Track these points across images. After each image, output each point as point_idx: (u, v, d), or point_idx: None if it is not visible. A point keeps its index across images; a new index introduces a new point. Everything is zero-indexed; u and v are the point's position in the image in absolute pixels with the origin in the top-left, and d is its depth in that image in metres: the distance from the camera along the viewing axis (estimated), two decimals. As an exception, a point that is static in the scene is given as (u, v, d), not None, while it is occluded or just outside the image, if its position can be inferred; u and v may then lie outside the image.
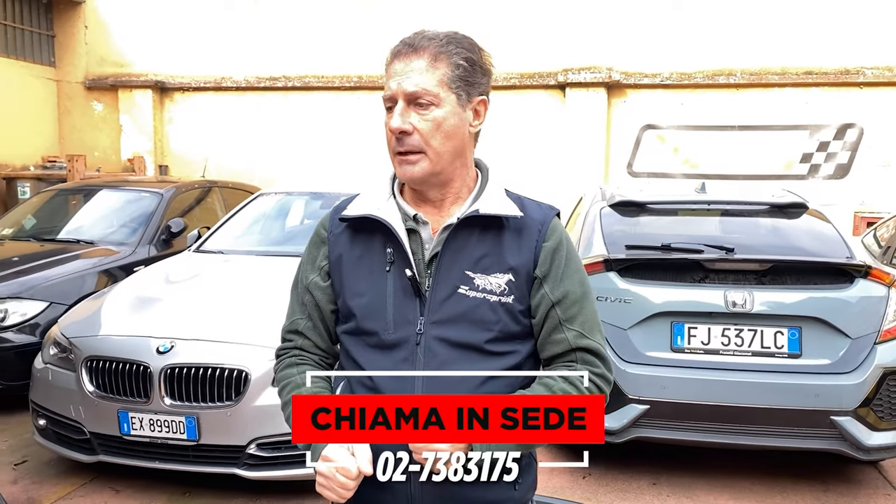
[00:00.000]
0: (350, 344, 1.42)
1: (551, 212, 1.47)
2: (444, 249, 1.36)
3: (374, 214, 1.38)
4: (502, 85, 8.89)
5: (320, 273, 1.45)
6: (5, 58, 8.99)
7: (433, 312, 1.35)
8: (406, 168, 1.35)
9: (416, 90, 1.30)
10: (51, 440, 3.77)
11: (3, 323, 4.71)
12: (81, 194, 6.68)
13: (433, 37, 1.34)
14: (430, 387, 1.32)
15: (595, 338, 1.40)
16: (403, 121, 1.31)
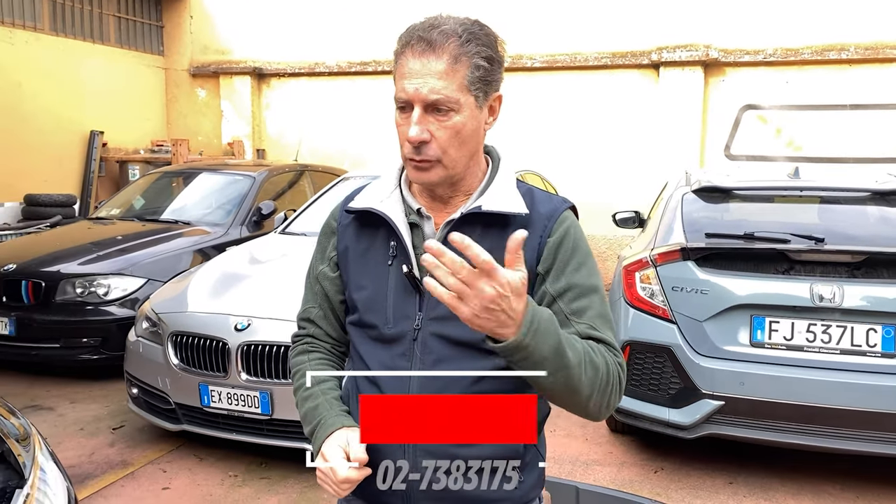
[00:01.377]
0: (354, 335, 1.42)
1: (562, 205, 1.38)
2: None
3: (375, 208, 1.35)
4: (593, 65, 8.67)
5: (329, 264, 1.44)
6: (119, 48, 9.61)
7: (431, 309, 1.32)
8: (419, 174, 1.30)
9: (436, 98, 1.23)
10: (142, 408, 4.05)
11: (105, 297, 5.08)
12: (182, 177, 7.07)
13: (451, 32, 1.24)
14: (424, 385, 1.30)
15: (607, 334, 1.30)
16: (422, 130, 1.24)
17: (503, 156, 1.43)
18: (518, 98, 8.98)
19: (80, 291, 5.07)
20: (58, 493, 1.54)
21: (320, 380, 1.41)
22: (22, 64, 8.16)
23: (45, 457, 1.61)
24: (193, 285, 4.14)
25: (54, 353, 5.07)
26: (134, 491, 3.61)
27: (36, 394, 4.97)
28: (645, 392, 3.67)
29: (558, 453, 4.10)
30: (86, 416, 4.59)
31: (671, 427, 3.57)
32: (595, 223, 8.45)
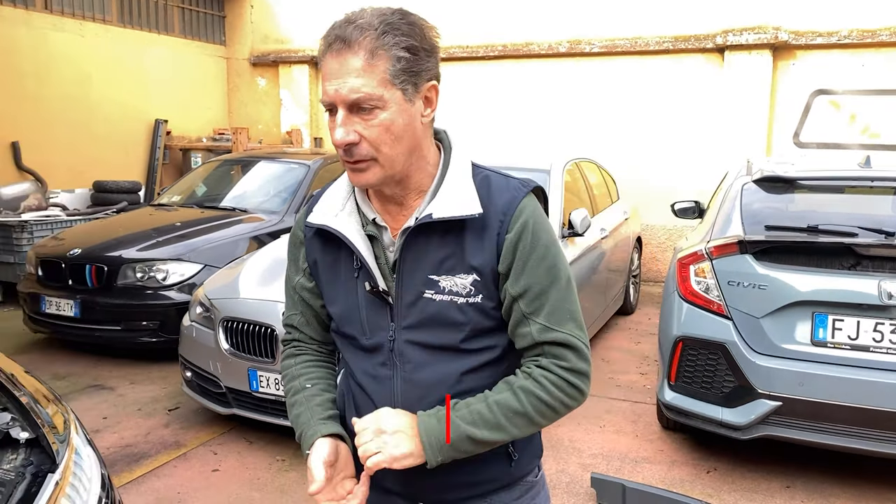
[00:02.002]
0: (338, 342, 1.43)
1: (520, 192, 1.30)
2: (404, 255, 1.29)
3: (330, 227, 1.31)
4: (654, 50, 8.40)
5: (304, 274, 1.43)
6: (182, 38, 9.85)
7: (402, 318, 1.31)
8: (358, 176, 1.25)
9: (357, 97, 1.17)
10: (195, 391, 4.16)
11: (164, 282, 5.23)
12: (240, 165, 7.21)
13: (367, 26, 1.17)
14: (406, 389, 1.32)
15: (565, 328, 1.28)
16: (347, 132, 1.19)
17: (455, 142, 1.36)
18: (575, 85, 8.80)
19: (140, 276, 5.23)
20: (92, 478, 1.57)
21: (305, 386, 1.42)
22: (92, 56, 8.46)
23: (82, 442, 1.65)
24: (245, 272, 4.21)
25: (116, 336, 5.26)
26: (186, 472, 3.71)
27: (99, 374, 5.17)
28: (697, 390, 3.54)
29: (606, 449, 4.01)
30: (144, 396, 4.74)
31: (724, 427, 3.44)
32: (654, 213, 8.24)
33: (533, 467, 1.45)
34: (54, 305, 5.32)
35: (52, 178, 7.95)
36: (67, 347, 5.67)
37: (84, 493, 1.49)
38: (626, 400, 4.76)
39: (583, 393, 1.30)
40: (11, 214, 7.23)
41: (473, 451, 1.26)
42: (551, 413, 1.28)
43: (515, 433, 1.27)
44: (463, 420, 1.24)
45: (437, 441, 1.23)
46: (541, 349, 1.29)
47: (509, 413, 1.25)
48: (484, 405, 1.26)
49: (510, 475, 1.39)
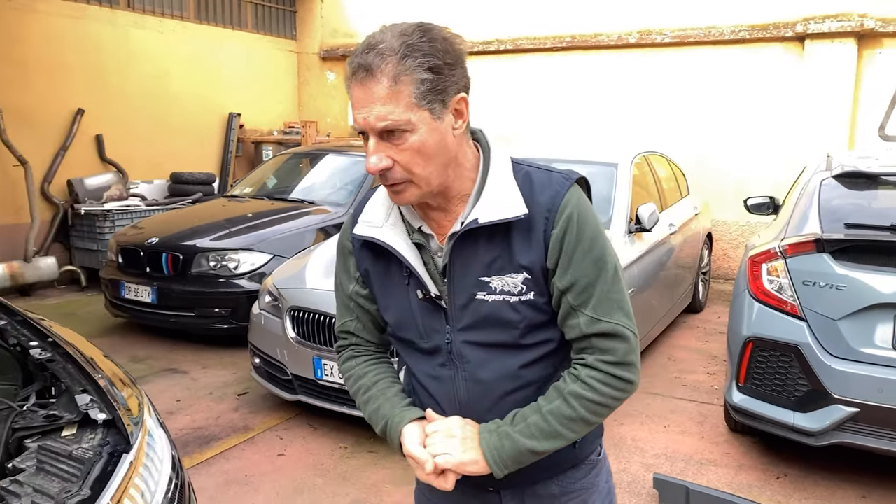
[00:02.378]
0: (397, 345, 1.47)
1: (563, 186, 1.29)
2: (453, 259, 1.31)
3: (376, 238, 1.33)
4: (729, 39, 8.11)
5: (357, 282, 1.45)
6: (255, 33, 10.11)
7: (456, 321, 1.33)
8: (397, 197, 1.27)
9: (384, 125, 1.18)
10: (263, 377, 4.28)
11: (235, 271, 5.40)
12: (309, 158, 7.36)
13: (388, 50, 1.17)
14: (470, 387, 1.36)
15: (612, 317, 1.28)
16: (380, 158, 1.20)
17: (492, 141, 1.35)
18: (645, 77, 8.59)
19: (213, 265, 5.42)
20: (164, 459, 1.64)
21: (375, 382, 1.45)
22: (170, 51, 8.79)
23: (155, 424, 1.72)
24: (311, 263, 4.31)
25: (190, 322, 5.47)
26: (253, 455, 3.83)
27: (174, 358, 5.39)
28: (767, 392, 3.42)
29: (671, 450, 3.92)
30: (215, 381, 4.92)
31: (795, 432, 3.31)
32: (727, 208, 7.99)
33: (596, 447, 1.49)
34: (133, 291, 5.57)
35: (132, 170, 8.31)
36: (145, 332, 5.94)
37: (156, 473, 1.56)
38: (692, 400, 4.64)
39: (632, 383, 1.31)
40: (95, 204, 7.61)
41: (537, 459, 1.30)
42: (605, 410, 1.30)
43: (574, 437, 1.31)
44: (522, 434, 1.28)
45: (499, 457, 1.28)
46: (588, 342, 1.30)
47: (564, 420, 1.28)
48: (539, 417, 1.29)
49: (575, 457, 1.43)
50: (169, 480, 1.60)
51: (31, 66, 7.32)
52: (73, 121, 7.73)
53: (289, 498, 3.39)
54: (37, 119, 7.38)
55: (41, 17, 7.38)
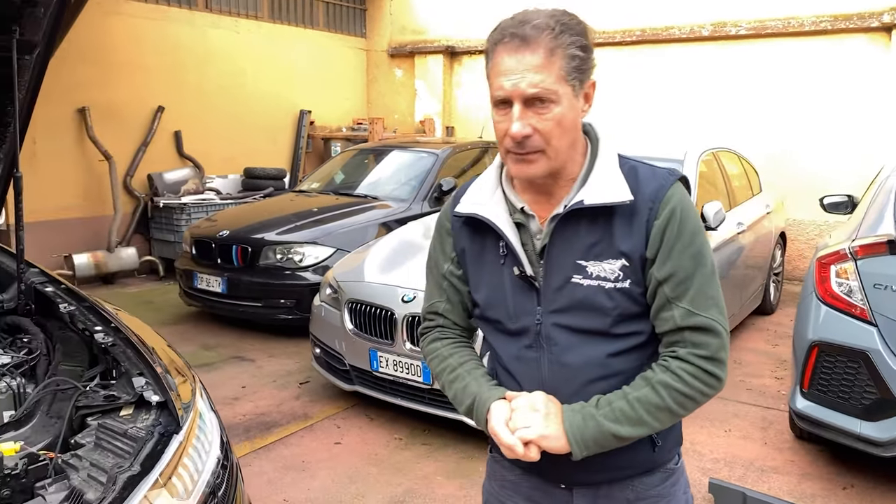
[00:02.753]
0: (483, 327, 1.50)
1: (668, 180, 1.33)
2: (553, 241, 1.34)
3: (479, 214, 1.38)
4: (809, 31, 7.76)
5: (452, 262, 1.49)
6: (326, 31, 10.34)
7: (549, 302, 1.35)
8: (523, 167, 1.30)
9: (535, 91, 1.23)
10: (322, 367, 4.41)
11: (300, 263, 5.57)
12: (374, 154, 7.49)
13: (543, 25, 1.23)
14: (554, 370, 1.36)
15: (708, 313, 1.30)
16: (524, 125, 1.24)
17: (601, 134, 1.40)
18: (718, 70, 8.34)
19: (279, 257, 5.60)
20: (213, 441, 1.73)
21: (462, 362, 1.47)
22: (245, 50, 9.09)
23: (206, 408, 1.82)
24: (370, 257, 4.39)
25: (257, 311, 5.67)
26: (311, 442, 3.95)
27: (241, 346, 5.60)
28: (833, 399, 3.29)
29: (730, 455, 3.82)
30: (279, 369, 5.09)
31: (862, 441, 3.17)
32: (803, 207, 7.67)
33: (674, 455, 1.48)
34: (205, 281, 5.82)
35: (208, 165, 8.65)
36: (216, 320, 6.19)
37: (204, 454, 1.65)
38: (757, 405, 4.50)
39: (721, 380, 1.32)
40: (173, 197, 7.97)
41: (618, 445, 1.31)
42: (691, 403, 1.31)
43: (657, 426, 1.31)
44: (606, 417, 1.29)
45: (581, 437, 1.28)
46: (681, 335, 1.31)
47: (651, 408, 1.29)
48: (625, 402, 1.30)
49: (653, 461, 1.42)
50: (217, 461, 1.69)
51: (116, 67, 7.71)
52: (153, 118, 8.11)
53: (342, 485, 3.48)
54: (120, 116, 7.77)
55: (125, 19, 7.77)
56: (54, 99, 7.17)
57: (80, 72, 7.35)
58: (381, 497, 3.38)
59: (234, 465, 1.82)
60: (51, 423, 1.62)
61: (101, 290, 7.44)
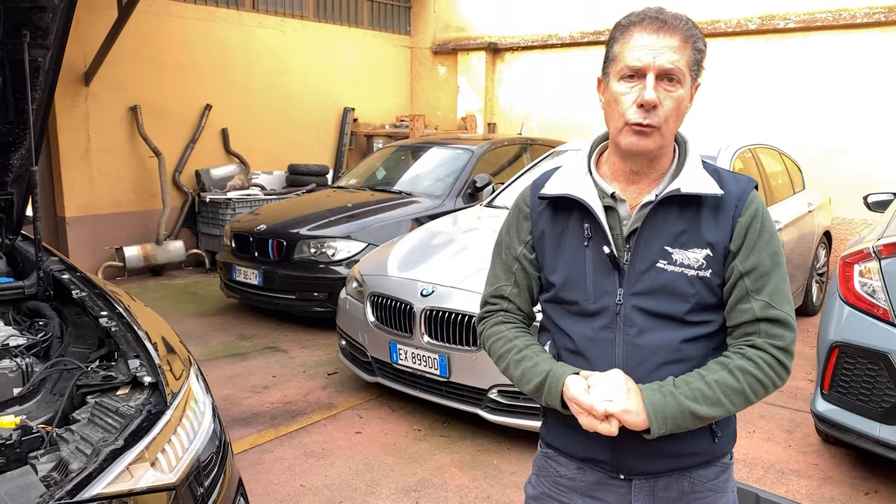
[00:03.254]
0: (552, 311, 1.53)
1: (749, 185, 1.45)
2: (644, 225, 1.41)
3: (571, 194, 1.46)
4: (861, 23, 7.45)
5: (526, 246, 1.55)
6: (370, 30, 10.50)
7: (632, 284, 1.42)
8: (638, 139, 1.37)
9: (672, 67, 1.33)
10: (347, 359, 4.51)
11: (333, 258, 5.69)
12: (411, 150, 7.58)
13: (681, 17, 1.37)
14: (629, 351, 1.42)
15: (783, 308, 1.40)
16: (657, 94, 1.34)
17: (689, 139, 1.50)
18: (764, 65, 8.12)
19: (313, 251, 5.74)
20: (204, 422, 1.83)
21: (528, 344, 1.53)
22: (290, 49, 9.31)
23: (202, 392, 1.92)
24: (394, 251, 4.48)
25: (291, 304, 5.83)
26: (333, 431, 4.06)
27: (276, 337, 5.77)
28: (853, 402, 3.21)
29: (751, 456, 3.76)
30: (310, 360, 5.23)
31: (881, 445, 3.09)
32: (853, 206, 7.41)
33: (730, 450, 1.53)
34: (243, 274, 6.01)
35: (253, 161, 8.90)
36: (254, 312, 6.39)
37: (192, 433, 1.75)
38: (786, 407, 4.41)
39: (789, 371, 1.40)
40: (219, 193, 8.23)
41: (691, 426, 1.36)
42: (762, 391, 1.38)
43: (731, 409, 1.36)
44: (685, 396, 1.34)
45: (661, 413, 1.33)
46: (757, 326, 1.39)
47: (728, 391, 1.35)
48: (703, 383, 1.36)
49: (712, 452, 1.47)
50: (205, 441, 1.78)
51: (166, 66, 8.01)
52: (201, 115, 8.39)
53: (358, 473, 3.57)
54: (170, 114, 8.08)
55: (175, 20, 8.06)
56: (107, 98, 7.51)
57: (132, 72, 7.67)
58: (394, 485, 3.46)
59: (225, 445, 1.92)
60: (53, 400, 1.75)
61: (150, 280, 7.76)
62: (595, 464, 1.50)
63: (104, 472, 1.43)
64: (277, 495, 3.38)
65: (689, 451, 1.46)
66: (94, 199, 7.57)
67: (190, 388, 1.87)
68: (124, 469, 1.49)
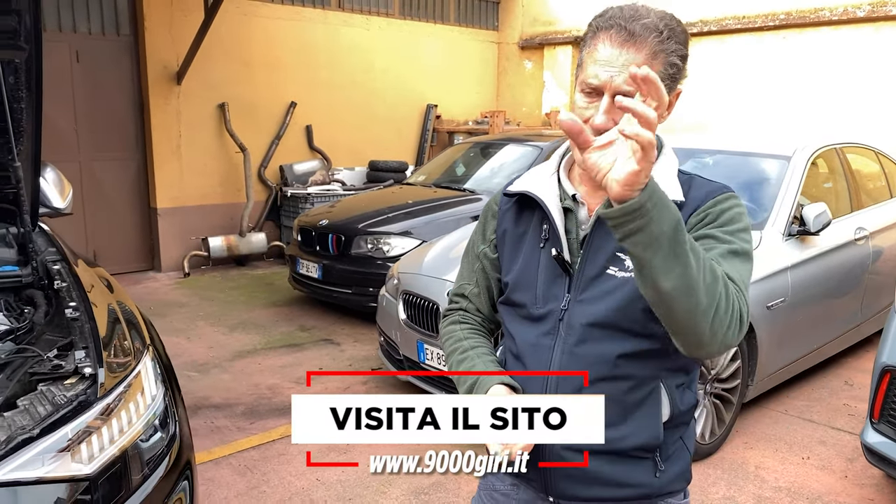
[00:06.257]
0: (505, 313, 1.49)
1: (718, 191, 1.33)
2: (595, 231, 1.34)
3: (530, 191, 1.40)
4: None
5: (489, 245, 1.51)
6: (457, 26, 10.48)
7: (579, 291, 1.35)
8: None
9: (629, 89, 1.18)
10: (384, 355, 4.53)
11: (388, 254, 5.74)
12: (482, 147, 7.51)
13: (652, 27, 1.22)
14: (566, 360, 1.34)
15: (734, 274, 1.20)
16: (608, 119, 1.21)
17: (666, 144, 1.40)
18: (875, 56, 7.41)
19: (369, 247, 5.81)
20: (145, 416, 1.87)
21: (474, 346, 1.49)
22: (375, 46, 9.46)
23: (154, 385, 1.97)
24: (433, 250, 4.44)
25: (348, 298, 5.93)
26: (362, 427, 4.08)
27: (333, 330, 5.89)
28: (903, 434, 2.86)
29: (798, 485, 3.44)
30: (359, 354, 5.30)
31: (930, 486, 2.73)
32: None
33: (679, 490, 1.43)
34: (305, 267, 6.18)
35: (336, 157, 9.13)
36: (318, 305, 6.55)
37: (126, 425, 1.79)
38: (853, 432, 4.01)
39: (743, 327, 1.17)
40: (300, 187, 8.51)
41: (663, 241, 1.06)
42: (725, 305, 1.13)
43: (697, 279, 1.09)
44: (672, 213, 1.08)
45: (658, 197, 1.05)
46: None
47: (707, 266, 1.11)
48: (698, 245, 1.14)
49: (653, 487, 1.37)
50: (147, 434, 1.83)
51: (254, 64, 8.36)
52: (286, 112, 8.70)
53: (375, 471, 3.57)
54: (256, 111, 8.42)
55: (263, 20, 8.39)
56: (198, 95, 7.93)
57: (221, 70, 8.06)
58: (406, 486, 3.43)
59: (173, 438, 1.96)
60: (6, 385, 1.84)
61: (233, 270, 8.14)
62: (527, 481, 1.44)
63: (7, 458, 1.49)
64: (292, 487, 3.45)
65: (623, 479, 1.35)
66: (183, 192, 8.02)
67: (138, 381, 1.92)
68: (35, 457, 1.54)
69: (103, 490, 1.65)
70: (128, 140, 7.78)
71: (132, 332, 2.11)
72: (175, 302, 6.79)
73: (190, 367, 5.01)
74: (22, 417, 1.67)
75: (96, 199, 7.57)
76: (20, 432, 1.58)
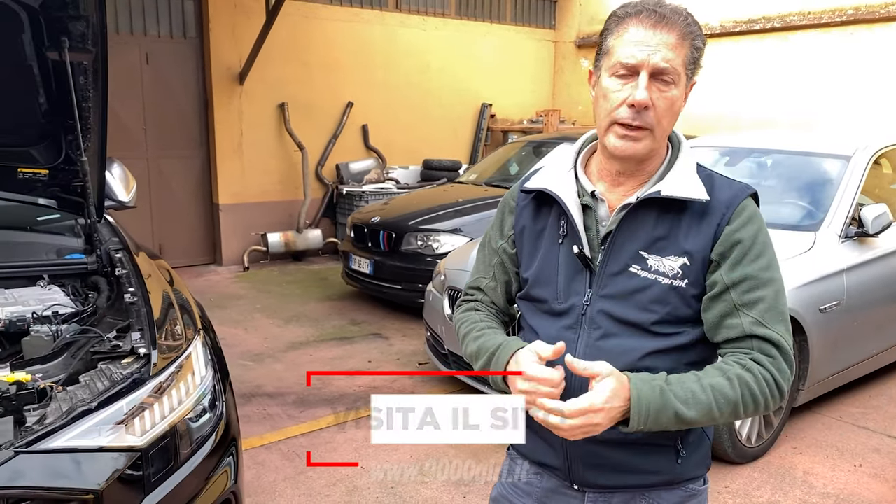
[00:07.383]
0: (525, 308, 1.50)
1: (743, 192, 1.34)
2: (619, 228, 1.35)
3: (548, 189, 1.42)
4: None
5: (507, 240, 1.52)
6: (513, 25, 10.49)
7: (601, 287, 1.36)
8: (627, 143, 1.30)
9: (667, 66, 1.26)
10: (430, 350, 4.62)
11: (437, 251, 5.83)
12: (533, 146, 7.52)
13: (680, 11, 1.29)
14: (590, 354, 1.34)
15: (777, 328, 1.29)
16: (648, 96, 1.26)
17: (684, 141, 1.42)
18: None
19: (419, 244, 5.91)
20: (194, 395, 2.00)
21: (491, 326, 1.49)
22: (431, 46, 9.57)
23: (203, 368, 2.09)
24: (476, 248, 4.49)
25: (398, 294, 6.04)
26: (407, 419, 4.17)
27: (383, 325, 6.02)
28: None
29: (847, 493, 3.36)
30: (407, 349, 5.40)
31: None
32: None
33: (699, 475, 1.45)
34: (357, 263, 6.33)
35: (391, 156, 9.28)
36: (368, 300, 6.70)
37: (178, 403, 1.92)
38: (911, 442, 3.88)
39: (784, 396, 1.31)
40: (355, 186, 8.69)
41: (671, 427, 1.25)
42: (753, 408, 1.28)
43: (717, 420, 1.27)
44: (675, 395, 1.24)
45: (646, 408, 1.21)
46: (749, 343, 1.30)
47: (721, 398, 1.25)
48: (698, 386, 1.25)
49: (674, 473, 1.39)
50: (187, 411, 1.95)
51: (312, 65, 8.58)
52: (343, 112, 8.89)
53: (419, 461, 3.65)
54: (314, 111, 8.64)
55: (322, 22, 8.60)
56: (259, 96, 8.19)
57: (281, 71, 8.30)
58: (446, 478, 3.51)
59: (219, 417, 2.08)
60: (70, 363, 2.00)
61: (290, 265, 8.39)
62: (550, 470, 1.46)
63: (68, 427, 1.63)
64: (337, 473, 3.56)
65: (645, 467, 1.37)
66: (244, 189, 8.30)
67: (188, 363, 2.04)
68: (93, 427, 1.68)
69: (154, 461, 1.77)
70: (192, 138, 8.10)
71: (185, 318, 2.25)
72: (234, 294, 7.04)
73: (246, 356, 5.21)
74: (83, 392, 1.81)
75: (162, 195, 7.92)
76: (80, 405, 1.71)
